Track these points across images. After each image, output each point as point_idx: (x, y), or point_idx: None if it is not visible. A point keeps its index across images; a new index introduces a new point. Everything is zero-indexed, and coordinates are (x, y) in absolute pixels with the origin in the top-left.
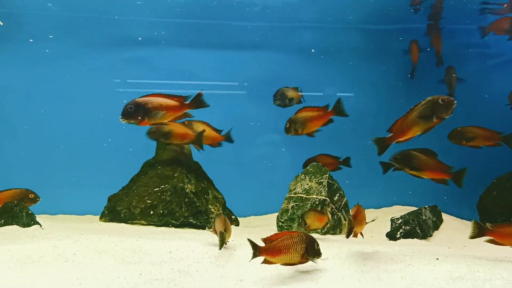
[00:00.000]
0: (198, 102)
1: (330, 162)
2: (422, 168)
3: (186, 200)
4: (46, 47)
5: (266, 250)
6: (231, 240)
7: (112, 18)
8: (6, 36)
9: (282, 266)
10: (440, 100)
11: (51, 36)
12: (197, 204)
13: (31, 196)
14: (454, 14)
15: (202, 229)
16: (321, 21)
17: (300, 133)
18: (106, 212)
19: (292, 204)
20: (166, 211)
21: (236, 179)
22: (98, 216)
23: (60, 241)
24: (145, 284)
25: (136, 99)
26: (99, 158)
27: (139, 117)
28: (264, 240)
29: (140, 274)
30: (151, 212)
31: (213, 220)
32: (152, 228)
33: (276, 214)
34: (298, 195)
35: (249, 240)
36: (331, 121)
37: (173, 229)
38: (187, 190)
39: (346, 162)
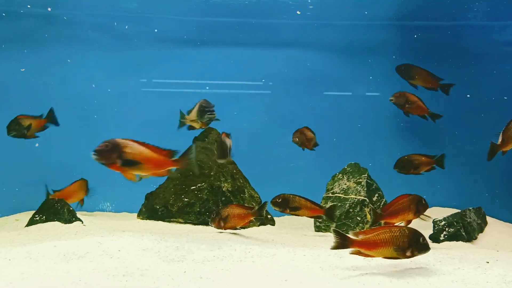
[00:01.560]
0: (186, 162)
1: (425, 161)
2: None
3: (223, 198)
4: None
5: (360, 243)
6: (271, 239)
7: (143, 16)
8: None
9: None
10: None
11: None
12: (234, 202)
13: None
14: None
15: (235, 229)
16: (356, 18)
17: None
18: (144, 210)
19: (330, 204)
20: (203, 210)
21: (263, 178)
22: (134, 214)
23: (103, 237)
24: (190, 282)
25: (117, 139)
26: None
27: (113, 160)
28: (358, 233)
29: (185, 272)
30: (189, 210)
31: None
32: (189, 226)
33: None
34: (336, 195)
35: (335, 230)
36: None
37: (210, 227)
38: (223, 189)
39: (441, 161)
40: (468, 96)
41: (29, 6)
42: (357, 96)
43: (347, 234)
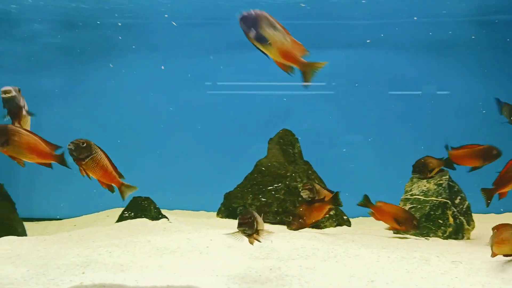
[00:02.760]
0: (63, 160)
1: (437, 163)
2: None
3: (300, 198)
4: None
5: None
6: (351, 240)
7: (216, 22)
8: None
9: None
10: None
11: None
12: None
13: None
14: None
15: (316, 228)
16: (431, 14)
17: None
18: (223, 208)
19: (409, 206)
20: (280, 209)
21: (333, 178)
22: (211, 212)
23: (191, 234)
24: (276, 279)
25: (7, 125)
26: (211, 158)
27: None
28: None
29: (270, 269)
30: (266, 210)
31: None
32: (267, 225)
33: None
34: (415, 196)
35: None
36: None
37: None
38: (300, 189)
39: (449, 163)
40: None
41: (116, 15)
42: (427, 95)
43: None
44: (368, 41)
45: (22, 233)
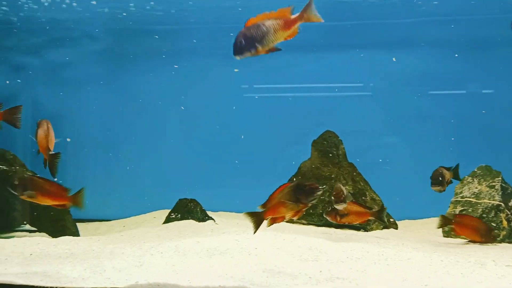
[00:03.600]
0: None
1: (449, 174)
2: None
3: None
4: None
5: None
6: (401, 243)
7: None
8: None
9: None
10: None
11: None
12: None
13: None
14: None
15: (362, 230)
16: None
17: None
18: None
19: (460, 209)
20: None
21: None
22: None
23: (239, 235)
24: (327, 281)
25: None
26: (254, 160)
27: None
28: None
29: (320, 271)
30: (311, 212)
31: None
32: (312, 227)
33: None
34: (466, 199)
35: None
36: None
37: (332, 229)
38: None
39: (455, 172)
40: None
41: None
42: (470, 94)
43: None
44: (394, 59)
45: (76, 233)
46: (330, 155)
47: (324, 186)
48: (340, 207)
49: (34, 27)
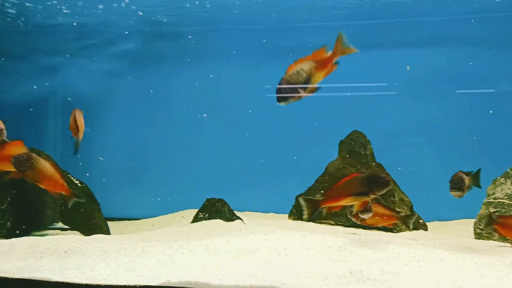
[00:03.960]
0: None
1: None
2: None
3: (373, 201)
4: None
5: None
6: (432, 245)
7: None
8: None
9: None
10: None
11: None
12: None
13: None
14: None
15: (390, 231)
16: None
17: None
18: (295, 210)
19: (493, 210)
20: (354, 212)
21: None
22: (281, 214)
23: (267, 235)
24: (357, 282)
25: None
26: (279, 160)
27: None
28: None
29: (351, 272)
30: (339, 213)
31: None
32: (340, 228)
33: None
34: (498, 200)
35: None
36: None
37: (361, 230)
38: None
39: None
40: None
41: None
42: (499, 93)
43: None
44: (408, 67)
45: (106, 231)
46: (358, 155)
47: None
48: (366, 216)
49: (66, 30)
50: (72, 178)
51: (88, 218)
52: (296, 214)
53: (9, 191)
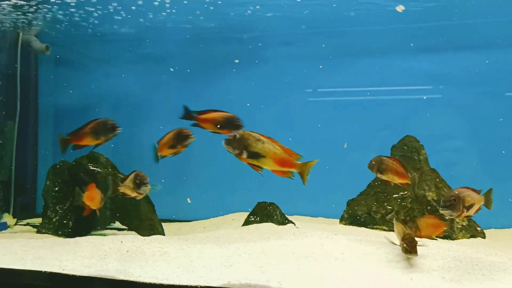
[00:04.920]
0: (304, 169)
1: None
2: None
3: (429, 207)
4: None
5: None
6: (494, 253)
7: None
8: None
9: None
10: None
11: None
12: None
13: None
14: None
15: (447, 239)
16: None
17: None
18: (346, 216)
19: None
20: (408, 218)
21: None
22: (330, 219)
23: (322, 240)
24: None
25: (245, 132)
26: (327, 165)
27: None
28: None
29: (411, 279)
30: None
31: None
32: (391, 234)
33: None
34: None
35: None
36: None
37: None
38: (428, 198)
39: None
40: None
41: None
42: None
43: None
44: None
45: (161, 232)
46: (411, 160)
47: (406, 192)
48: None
49: (119, 38)
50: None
51: (145, 219)
52: (348, 219)
53: (71, 192)
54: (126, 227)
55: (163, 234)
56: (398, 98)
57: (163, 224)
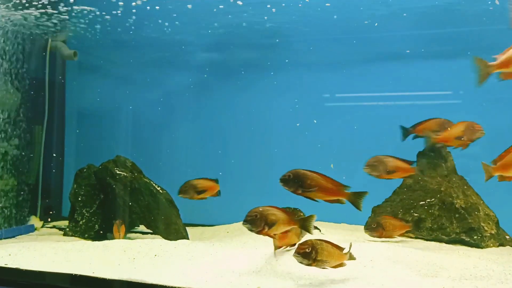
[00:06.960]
0: (355, 199)
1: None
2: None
3: (457, 215)
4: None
5: None
6: None
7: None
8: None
9: None
10: None
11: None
12: (469, 220)
13: None
14: None
15: (475, 247)
16: None
17: None
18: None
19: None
20: (435, 226)
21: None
22: (353, 225)
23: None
24: None
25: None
26: (351, 171)
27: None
28: None
29: (443, 287)
30: (420, 226)
31: None
32: (421, 241)
33: None
34: None
35: None
36: None
37: (444, 244)
38: (456, 205)
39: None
40: None
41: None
42: None
43: None
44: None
45: (186, 236)
46: (438, 167)
47: (433, 199)
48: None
49: (143, 44)
50: (154, 184)
51: (170, 223)
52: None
53: (98, 195)
54: (151, 231)
55: (188, 238)
56: (418, 104)
57: (187, 228)
